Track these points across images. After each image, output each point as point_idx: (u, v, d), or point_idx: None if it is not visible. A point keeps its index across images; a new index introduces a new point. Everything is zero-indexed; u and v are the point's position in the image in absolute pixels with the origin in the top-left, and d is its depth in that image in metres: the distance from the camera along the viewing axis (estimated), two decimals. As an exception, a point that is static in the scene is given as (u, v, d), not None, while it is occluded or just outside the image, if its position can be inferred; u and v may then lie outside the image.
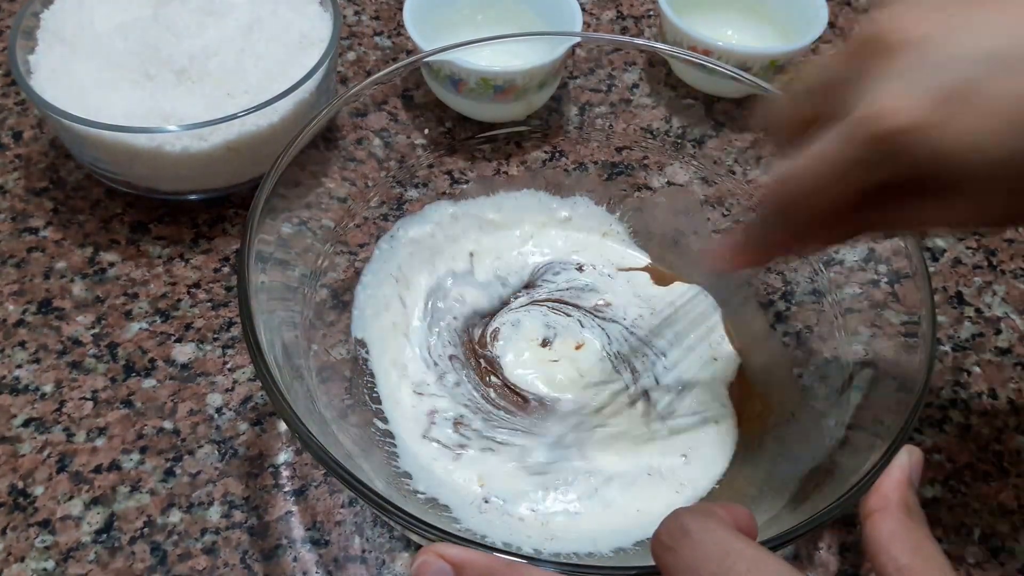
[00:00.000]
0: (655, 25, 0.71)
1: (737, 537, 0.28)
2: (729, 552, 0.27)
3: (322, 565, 0.43)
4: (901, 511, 0.31)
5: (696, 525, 0.28)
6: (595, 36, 0.63)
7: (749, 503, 0.43)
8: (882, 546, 0.31)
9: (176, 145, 0.51)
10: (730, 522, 0.29)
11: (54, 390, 0.48)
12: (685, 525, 0.28)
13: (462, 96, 0.57)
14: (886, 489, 0.32)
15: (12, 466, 0.45)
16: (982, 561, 0.44)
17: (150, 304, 0.52)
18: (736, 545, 0.27)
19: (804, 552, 0.44)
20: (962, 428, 0.49)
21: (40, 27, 0.55)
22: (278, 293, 0.43)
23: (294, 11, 0.58)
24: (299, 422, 0.35)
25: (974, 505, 0.46)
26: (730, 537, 0.27)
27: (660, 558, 0.28)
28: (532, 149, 0.59)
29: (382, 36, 0.69)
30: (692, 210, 0.54)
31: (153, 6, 0.57)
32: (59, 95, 0.51)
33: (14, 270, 0.53)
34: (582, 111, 0.60)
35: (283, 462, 0.46)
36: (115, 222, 0.56)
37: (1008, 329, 0.53)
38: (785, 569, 0.26)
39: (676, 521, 0.28)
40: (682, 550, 0.27)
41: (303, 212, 0.47)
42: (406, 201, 0.54)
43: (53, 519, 0.43)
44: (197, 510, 0.44)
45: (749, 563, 0.26)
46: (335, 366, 0.47)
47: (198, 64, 0.53)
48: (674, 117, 0.57)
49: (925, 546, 0.31)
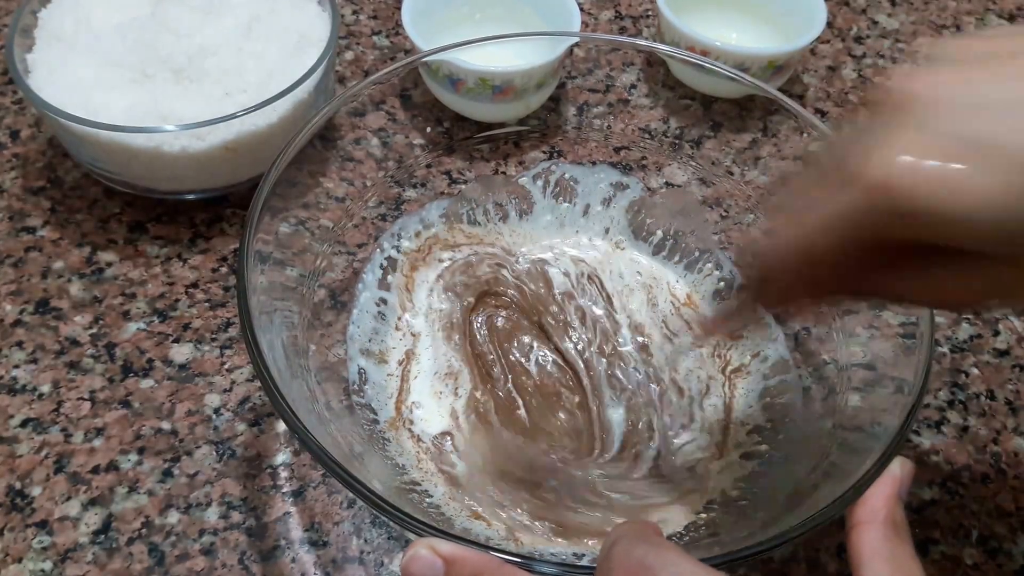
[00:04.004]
0: (653, 25, 0.71)
1: (696, 565, 0.27)
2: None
3: (320, 566, 0.43)
4: (887, 526, 0.32)
5: (658, 560, 0.27)
6: (593, 36, 0.63)
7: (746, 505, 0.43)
8: (864, 561, 0.31)
9: (174, 145, 0.50)
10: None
11: (52, 390, 0.48)
12: (646, 561, 0.27)
13: (460, 96, 0.57)
14: (874, 502, 0.33)
15: (10, 466, 0.45)
16: (980, 563, 0.44)
17: (148, 304, 0.52)
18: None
19: (802, 553, 0.44)
20: (960, 430, 0.49)
21: (38, 26, 0.55)
22: (276, 293, 0.43)
23: (293, 11, 0.58)
24: (298, 422, 0.35)
25: (972, 507, 0.46)
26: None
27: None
28: (530, 149, 0.59)
29: (380, 36, 0.69)
30: (691, 210, 0.54)
31: (151, 5, 0.56)
32: (57, 94, 0.51)
33: (11, 270, 0.53)
34: (580, 111, 0.60)
35: (281, 463, 0.46)
36: (113, 222, 0.56)
37: (1006, 331, 0.53)
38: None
39: (631, 555, 0.27)
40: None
41: (301, 212, 0.47)
42: (404, 201, 0.54)
43: (51, 520, 0.43)
44: (195, 511, 0.44)
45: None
46: (333, 366, 0.47)
47: (196, 63, 0.53)
48: (672, 117, 0.57)
49: (908, 564, 0.31)
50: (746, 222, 0.52)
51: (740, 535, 0.38)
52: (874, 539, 0.31)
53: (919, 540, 0.45)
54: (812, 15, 0.61)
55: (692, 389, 0.48)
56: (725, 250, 0.53)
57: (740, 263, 0.37)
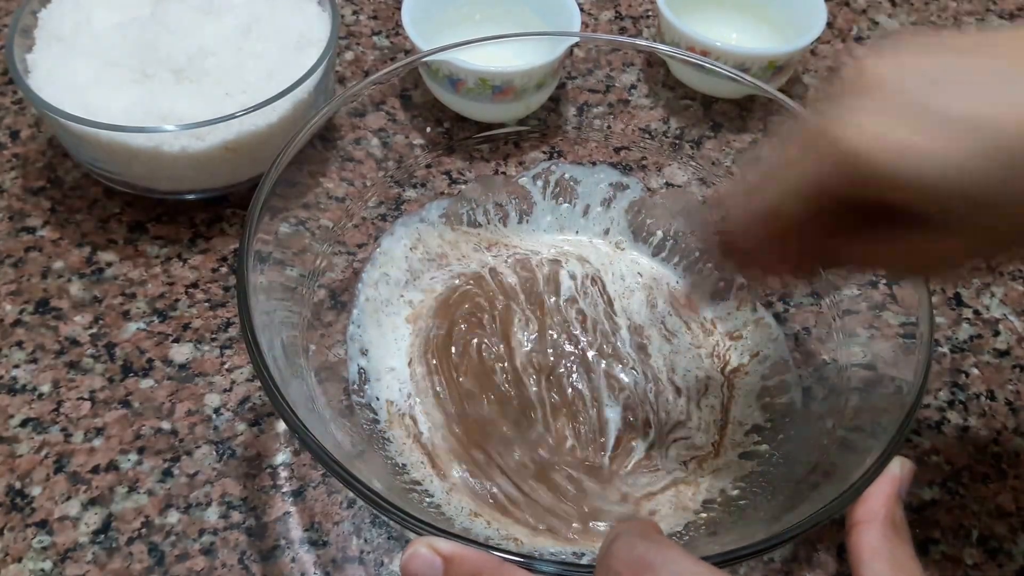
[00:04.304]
0: (653, 25, 0.71)
1: (696, 563, 0.27)
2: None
3: (320, 566, 0.43)
4: (887, 526, 0.32)
5: (659, 557, 0.27)
6: (593, 36, 0.63)
7: (746, 504, 0.43)
8: (864, 561, 0.31)
9: (174, 145, 0.50)
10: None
11: (52, 390, 0.48)
12: (647, 557, 0.27)
13: (460, 96, 0.57)
14: (874, 501, 0.33)
15: (10, 466, 0.45)
16: (980, 563, 0.44)
17: (148, 304, 0.52)
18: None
19: (802, 552, 0.44)
20: (960, 430, 0.49)
21: (38, 26, 0.55)
22: (276, 293, 0.43)
23: (292, 11, 0.58)
24: (298, 421, 0.35)
25: (972, 507, 0.46)
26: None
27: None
28: (530, 149, 0.59)
29: (380, 36, 0.69)
30: (691, 211, 0.54)
31: (151, 5, 0.56)
32: (57, 94, 0.51)
33: (11, 270, 0.53)
34: (580, 111, 0.60)
35: (281, 463, 0.46)
36: (113, 222, 0.56)
37: (1006, 331, 0.53)
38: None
39: (632, 552, 0.27)
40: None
41: (301, 212, 0.47)
42: (404, 201, 0.54)
43: (51, 519, 0.43)
44: (195, 511, 0.44)
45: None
46: (334, 366, 0.47)
47: (196, 63, 0.53)
48: (672, 118, 0.57)
49: (907, 564, 0.31)
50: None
51: (740, 534, 0.38)
52: (874, 538, 0.31)
53: (919, 540, 0.45)
54: (812, 15, 0.61)
55: (690, 389, 0.48)
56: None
57: (708, 228, 0.40)
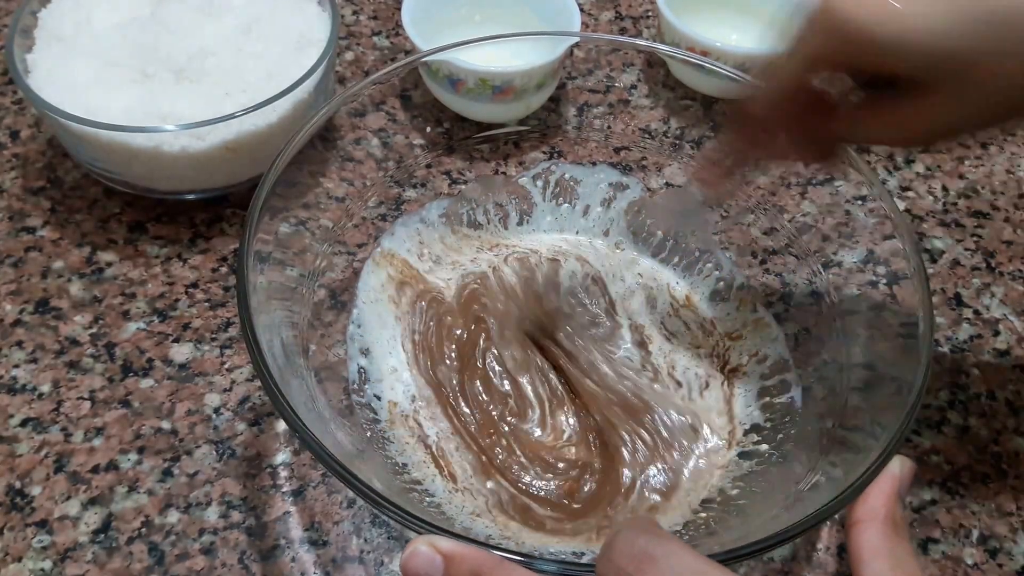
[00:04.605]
0: (654, 26, 0.71)
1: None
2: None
3: (320, 565, 0.42)
4: (887, 525, 0.32)
5: (660, 550, 0.27)
6: (594, 36, 0.63)
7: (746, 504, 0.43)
8: (864, 560, 0.31)
9: (174, 145, 0.50)
10: None
11: (51, 390, 0.48)
12: (648, 550, 0.27)
13: (460, 96, 0.57)
14: (874, 500, 0.33)
15: (9, 466, 0.45)
16: (980, 563, 0.44)
17: (148, 304, 0.52)
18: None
19: (802, 552, 0.44)
20: (960, 430, 0.49)
21: (38, 26, 0.55)
22: (276, 293, 0.43)
23: (292, 11, 0.58)
24: (298, 420, 0.35)
25: (972, 507, 0.46)
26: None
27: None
28: (530, 149, 0.59)
29: (380, 36, 0.69)
30: (691, 211, 0.54)
31: (151, 5, 0.57)
32: (57, 94, 0.51)
33: (11, 269, 0.53)
34: (580, 111, 0.60)
35: (281, 462, 0.46)
36: (113, 222, 0.56)
37: (1006, 331, 0.53)
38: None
39: (634, 545, 0.27)
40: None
41: (301, 212, 0.47)
42: (404, 201, 0.54)
43: (50, 519, 0.43)
44: (195, 510, 0.44)
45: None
46: (333, 366, 0.47)
47: (196, 63, 0.53)
48: (672, 118, 0.57)
49: (907, 563, 0.31)
50: (746, 222, 0.52)
51: (739, 533, 0.38)
52: (874, 537, 0.31)
53: (919, 540, 0.45)
54: (812, 16, 0.61)
55: (691, 384, 0.48)
56: (726, 250, 0.53)
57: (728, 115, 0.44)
